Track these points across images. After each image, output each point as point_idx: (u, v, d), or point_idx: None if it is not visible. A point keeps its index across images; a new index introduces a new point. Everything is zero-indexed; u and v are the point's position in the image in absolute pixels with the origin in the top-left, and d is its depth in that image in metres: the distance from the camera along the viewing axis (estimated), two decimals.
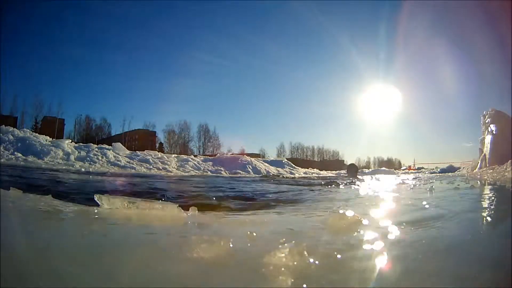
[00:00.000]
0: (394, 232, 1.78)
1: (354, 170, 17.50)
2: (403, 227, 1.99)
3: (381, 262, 1.17)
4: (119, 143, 18.88)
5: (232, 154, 27.66)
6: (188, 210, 2.21)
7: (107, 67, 45.96)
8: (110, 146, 17.18)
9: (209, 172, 16.79)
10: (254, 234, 1.42)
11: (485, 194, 4.62)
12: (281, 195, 4.71)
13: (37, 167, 10.23)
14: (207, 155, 27.66)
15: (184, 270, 1.03)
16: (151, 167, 15.35)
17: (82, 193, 3.72)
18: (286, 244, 1.08)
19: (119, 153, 16.51)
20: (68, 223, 2.04)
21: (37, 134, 16.20)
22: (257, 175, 16.63)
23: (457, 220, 2.23)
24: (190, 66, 49.82)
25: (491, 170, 12.35)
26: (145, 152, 18.66)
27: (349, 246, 1.42)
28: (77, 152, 14.90)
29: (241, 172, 17.89)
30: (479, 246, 1.48)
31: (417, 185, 6.75)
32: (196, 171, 16.54)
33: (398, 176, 20.01)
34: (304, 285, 0.92)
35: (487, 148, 15.31)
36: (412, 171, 34.98)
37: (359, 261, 1.17)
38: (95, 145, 17.13)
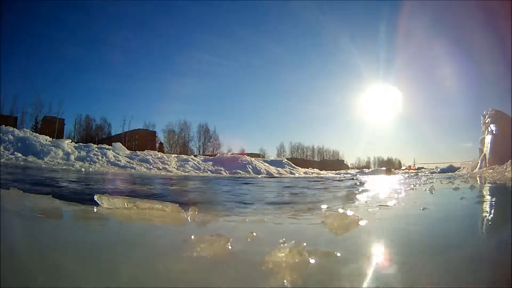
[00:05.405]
0: (394, 232, 1.79)
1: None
2: (402, 226, 1.99)
3: (381, 262, 1.17)
4: (119, 143, 18.88)
5: (232, 154, 27.63)
6: (188, 210, 2.21)
7: (107, 67, 45.61)
8: (110, 146, 17.17)
9: (209, 172, 16.78)
10: (254, 234, 1.43)
11: (485, 194, 4.62)
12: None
13: (37, 167, 10.22)
14: (207, 155, 27.61)
15: (184, 270, 1.03)
16: (151, 167, 15.34)
17: (82, 193, 3.73)
18: (286, 244, 1.08)
19: (119, 153, 16.50)
20: (68, 223, 2.04)
21: (37, 134, 16.19)
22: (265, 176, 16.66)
23: (457, 220, 2.23)
24: (190, 66, 49.54)
25: (491, 170, 12.35)
26: (145, 152, 18.66)
27: (349, 245, 1.42)
28: (77, 152, 14.90)
29: (241, 172, 17.88)
30: (479, 246, 1.48)
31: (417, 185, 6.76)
32: (196, 171, 16.53)
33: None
34: (304, 285, 0.92)
35: (487, 148, 15.30)
36: (412, 171, 34.97)
37: (358, 261, 1.17)
38: (95, 145, 17.12)
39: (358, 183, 8.92)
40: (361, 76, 40.03)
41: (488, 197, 4.13)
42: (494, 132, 15.02)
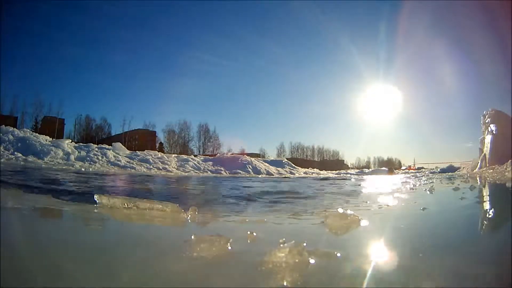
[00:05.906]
0: (394, 232, 1.78)
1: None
2: (402, 226, 1.99)
3: (381, 262, 1.17)
4: (119, 143, 18.87)
5: (232, 154, 27.60)
6: (188, 210, 2.20)
7: (107, 67, 45.63)
8: (110, 146, 17.16)
9: (209, 172, 16.78)
10: (254, 234, 1.42)
11: (485, 194, 4.62)
12: None
13: (37, 167, 10.23)
14: (207, 155, 27.58)
15: (184, 270, 1.03)
16: (151, 167, 15.34)
17: (82, 193, 3.72)
18: (286, 244, 1.07)
19: (119, 153, 16.49)
20: (68, 223, 2.04)
21: (37, 134, 16.17)
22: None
23: (457, 220, 2.23)
24: (190, 66, 49.56)
25: (491, 170, 12.34)
26: (145, 152, 18.64)
27: (349, 245, 1.42)
28: (77, 152, 14.88)
29: (241, 172, 17.88)
30: (479, 246, 1.48)
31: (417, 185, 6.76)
32: (196, 171, 16.53)
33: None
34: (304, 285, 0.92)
35: (487, 148, 15.30)
36: (412, 171, 34.98)
37: (358, 261, 1.17)
38: (95, 145, 17.10)
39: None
40: (361, 76, 40.10)
41: (488, 197, 4.14)
42: (494, 132, 15.02)
